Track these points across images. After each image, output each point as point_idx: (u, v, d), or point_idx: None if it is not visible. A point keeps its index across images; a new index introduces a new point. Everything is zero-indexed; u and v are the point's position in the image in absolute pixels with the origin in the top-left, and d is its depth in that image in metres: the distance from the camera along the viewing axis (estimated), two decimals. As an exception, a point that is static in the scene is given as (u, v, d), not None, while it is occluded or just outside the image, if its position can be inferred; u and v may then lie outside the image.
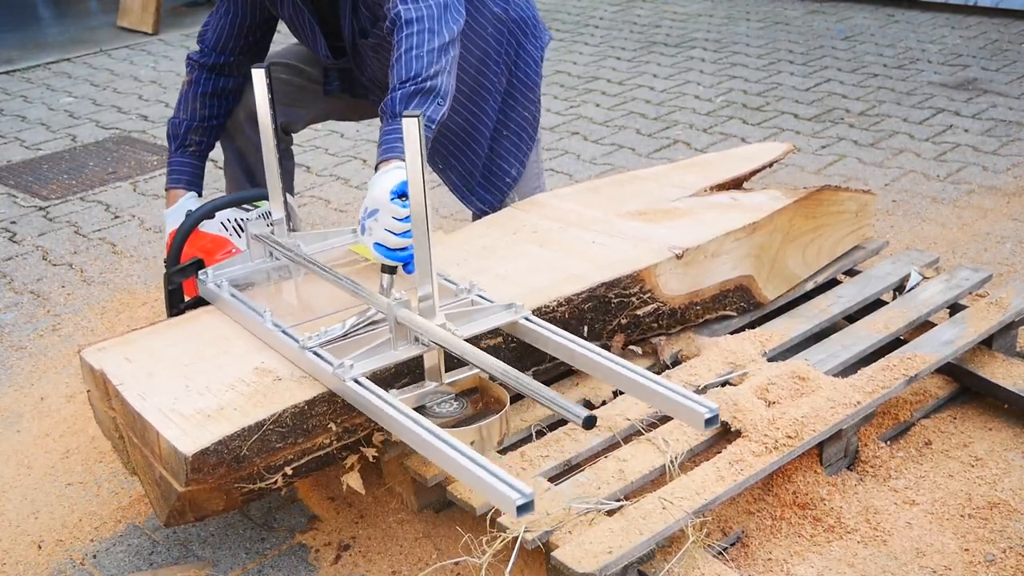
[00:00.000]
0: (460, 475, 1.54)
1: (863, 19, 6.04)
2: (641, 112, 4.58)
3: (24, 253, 3.50)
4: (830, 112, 4.43)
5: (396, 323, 1.77)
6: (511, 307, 1.88)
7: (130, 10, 6.78)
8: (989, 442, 2.16)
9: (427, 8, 2.12)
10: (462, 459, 1.52)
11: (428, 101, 2.06)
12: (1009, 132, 4.05)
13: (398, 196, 1.91)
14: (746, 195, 2.50)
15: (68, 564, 2.01)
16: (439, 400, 1.85)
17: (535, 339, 1.88)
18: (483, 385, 1.88)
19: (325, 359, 1.76)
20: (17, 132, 4.83)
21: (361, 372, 1.73)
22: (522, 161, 2.65)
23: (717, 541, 1.87)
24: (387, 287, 1.95)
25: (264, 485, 1.74)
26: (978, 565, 1.82)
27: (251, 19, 2.50)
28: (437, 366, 1.85)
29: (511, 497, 1.42)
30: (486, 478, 1.47)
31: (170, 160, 2.56)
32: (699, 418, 1.60)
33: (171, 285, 2.15)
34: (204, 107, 2.53)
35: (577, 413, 1.51)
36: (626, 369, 1.74)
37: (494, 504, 1.48)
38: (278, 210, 2.16)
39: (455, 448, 1.54)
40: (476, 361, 1.69)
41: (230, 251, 2.26)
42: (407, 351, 1.79)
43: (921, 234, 3.21)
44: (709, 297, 2.27)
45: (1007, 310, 2.29)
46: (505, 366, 1.66)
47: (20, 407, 2.57)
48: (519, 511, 1.41)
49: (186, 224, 2.18)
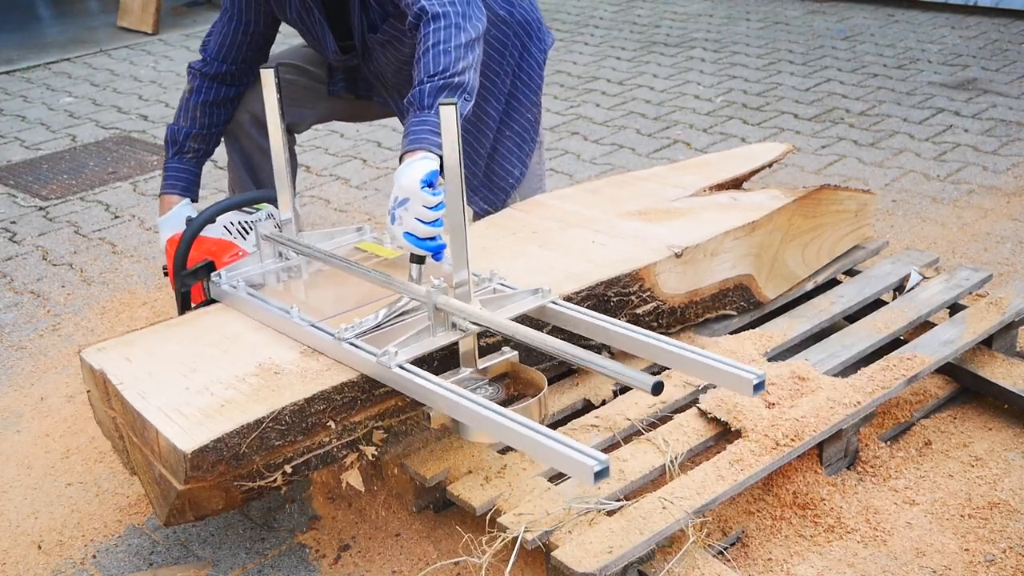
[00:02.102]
0: (529, 448, 1.56)
1: (863, 19, 6.04)
2: (641, 112, 4.58)
3: (24, 253, 3.50)
4: (830, 112, 4.43)
5: (435, 310, 1.80)
6: (538, 292, 1.91)
7: (130, 10, 6.78)
8: (989, 442, 2.16)
9: (452, 4, 2.12)
10: (530, 432, 1.54)
11: (456, 96, 2.07)
12: (1009, 132, 4.05)
13: (428, 185, 1.93)
14: (746, 195, 2.50)
15: (68, 564, 2.01)
16: (474, 386, 1.87)
17: (566, 322, 1.89)
18: (515, 370, 1.91)
19: (365, 349, 1.79)
20: (17, 132, 4.83)
21: (405, 359, 1.75)
22: (524, 162, 2.66)
23: (717, 541, 1.87)
24: (416, 277, 1.96)
25: (264, 483, 1.75)
26: (978, 565, 1.82)
27: (255, 26, 2.51)
28: (472, 352, 1.87)
29: (588, 464, 1.44)
30: (558, 448, 1.48)
31: (167, 165, 2.56)
32: (747, 384, 1.63)
33: (184, 288, 2.16)
34: (204, 115, 2.54)
35: (644, 381, 1.54)
36: (668, 344, 1.76)
37: (568, 472, 1.50)
38: (287, 210, 2.18)
39: (519, 422, 1.56)
40: (528, 339, 1.71)
41: (236, 253, 2.28)
42: (446, 336, 1.82)
43: (921, 234, 3.21)
44: (709, 296, 2.27)
45: (1007, 310, 2.29)
46: (563, 343, 1.69)
47: (20, 407, 2.57)
48: (596, 477, 1.43)
49: (191, 228, 2.19)
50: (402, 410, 1.88)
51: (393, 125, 4.29)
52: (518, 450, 1.76)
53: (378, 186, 3.89)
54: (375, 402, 1.83)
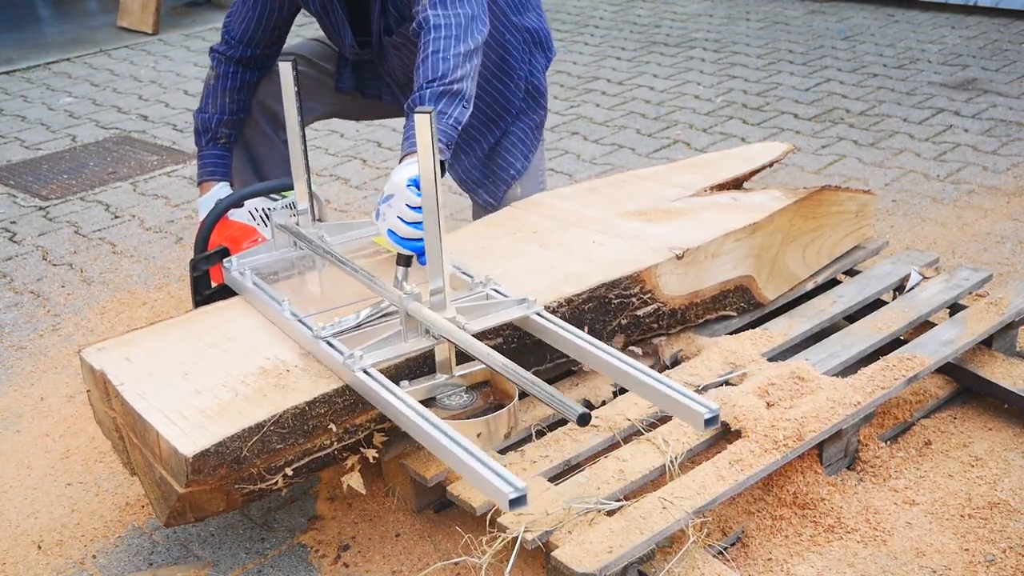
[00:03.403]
0: (457, 467, 1.55)
1: (863, 19, 6.04)
2: (641, 112, 4.58)
3: (24, 253, 3.50)
4: (830, 112, 4.43)
5: (407, 315, 1.80)
6: (524, 302, 1.90)
7: (130, 10, 6.78)
8: (989, 442, 2.16)
9: (455, 16, 2.18)
10: (460, 452, 1.53)
11: (455, 103, 2.13)
12: (1009, 132, 4.05)
13: (414, 185, 1.94)
14: (746, 195, 2.50)
15: (68, 564, 2.01)
16: (449, 392, 1.87)
17: (544, 334, 1.89)
18: (494, 379, 1.90)
19: (337, 349, 1.79)
20: (17, 132, 4.83)
21: (370, 363, 1.75)
22: (527, 156, 2.72)
23: (717, 541, 1.87)
24: (401, 279, 1.95)
25: (264, 486, 1.75)
26: (978, 565, 1.83)
27: (279, 12, 2.54)
28: (448, 359, 1.87)
29: (504, 490, 1.43)
30: (481, 471, 1.49)
31: (202, 153, 2.59)
32: (699, 418, 1.61)
33: (196, 272, 2.17)
34: (232, 101, 2.57)
35: (573, 409, 1.52)
36: (629, 367, 1.75)
37: (488, 497, 1.50)
38: (303, 200, 2.19)
39: (454, 440, 1.56)
40: (480, 356, 1.70)
41: (256, 239, 2.30)
42: (417, 344, 1.81)
43: (921, 234, 3.21)
44: (709, 297, 2.27)
45: (1007, 310, 2.30)
46: (507, 361, 1.67)
47: (20, 407, 2.57)
48: (511, 505, 1.42)
49: (214, 212, 2.21)
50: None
51: (393, 125, 4.29)
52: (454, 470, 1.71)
53: (378, 186, 3.89)
54: (375, 402, 1.83)
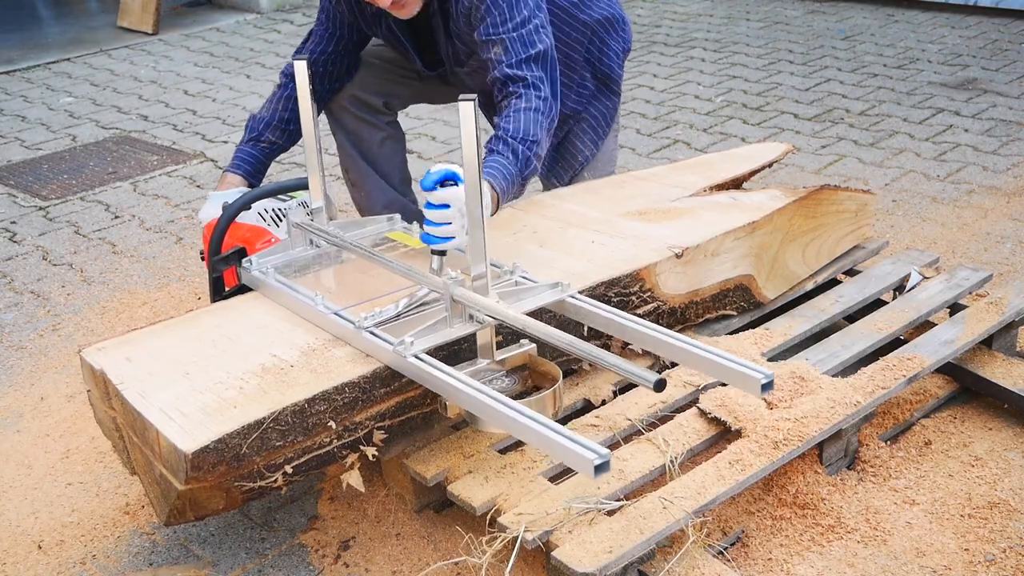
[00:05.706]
0: (533, 440, 1.57)
1: (863, 19, 6.04)
2: (641, 112, 4.58)
3: (24, 253, 3.50)
4: (830, 112, 4.43)
5: (452, 301, 1.83)
6: (557, 286, 1.93)
7: (130, 10, 6.79)
8: (989, 442, 2.16)
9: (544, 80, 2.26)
10: (534, 424, 1.55)
11: (531, 166, 2.19)
12: (1009, 132, 4.05)
13: (439, 183, 1.96)
14: (746, 195, 2.50)
15: (68, 564, 2.01)
16: (490, 377, 1.89)
17: (584, 316, 1.92)
18: (532, 362, 1.92)
19: (383, 338, 1.81)
20: (17, 132, 4.83)
21: (421, 349, 1.77)
22: (596, 144, 2.79)
23: (717, 541, 1.87)
24: (438, 268, 1.98)
25: (264, 483, 1.75)
26: (978, 565, 1.82)
27: (348, 39, 2.66)
28: (489, 343, 1.89)
29: (587, 457, 1.45)
30: (561, 440, 1.50)
31: (239, 148, 2.65)
32: (755, 384, 1.64)
33: (215, 273, 2.20)
34: (285, 109, 2.63)
35: (647, 377, 1.56)
36: (679, 341, 1.77)
37: (569, 465, 1.52)
38: (318, 199, 2.22)
39: (525, 414, 1.58)
40: (537, 332, 1.74)
41: (269, 240, 2.33)
42: (462, 328, 1.85)
43: (921, 234, 3.21)
44: (709, 296, 2.27)
45: (1007, 310, 2.29)
46: (571, 337, 1.70)
47: (20, 407, 2.57)
48: (596, 471, 1.44)
49: (226, 214, 2.23)
50: (403, 410, 1.88)
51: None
52: (525, 442, 1.77)
53: (378, 186, 3.89)
54: (376, 402, 1.83)
